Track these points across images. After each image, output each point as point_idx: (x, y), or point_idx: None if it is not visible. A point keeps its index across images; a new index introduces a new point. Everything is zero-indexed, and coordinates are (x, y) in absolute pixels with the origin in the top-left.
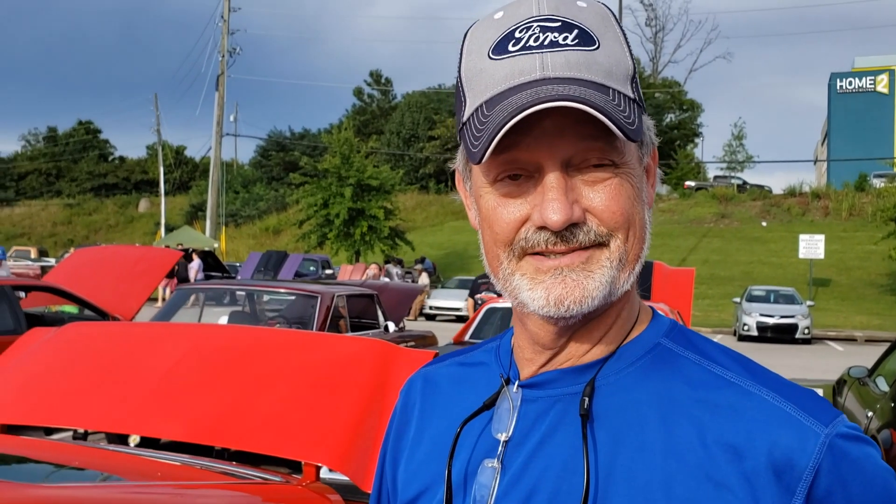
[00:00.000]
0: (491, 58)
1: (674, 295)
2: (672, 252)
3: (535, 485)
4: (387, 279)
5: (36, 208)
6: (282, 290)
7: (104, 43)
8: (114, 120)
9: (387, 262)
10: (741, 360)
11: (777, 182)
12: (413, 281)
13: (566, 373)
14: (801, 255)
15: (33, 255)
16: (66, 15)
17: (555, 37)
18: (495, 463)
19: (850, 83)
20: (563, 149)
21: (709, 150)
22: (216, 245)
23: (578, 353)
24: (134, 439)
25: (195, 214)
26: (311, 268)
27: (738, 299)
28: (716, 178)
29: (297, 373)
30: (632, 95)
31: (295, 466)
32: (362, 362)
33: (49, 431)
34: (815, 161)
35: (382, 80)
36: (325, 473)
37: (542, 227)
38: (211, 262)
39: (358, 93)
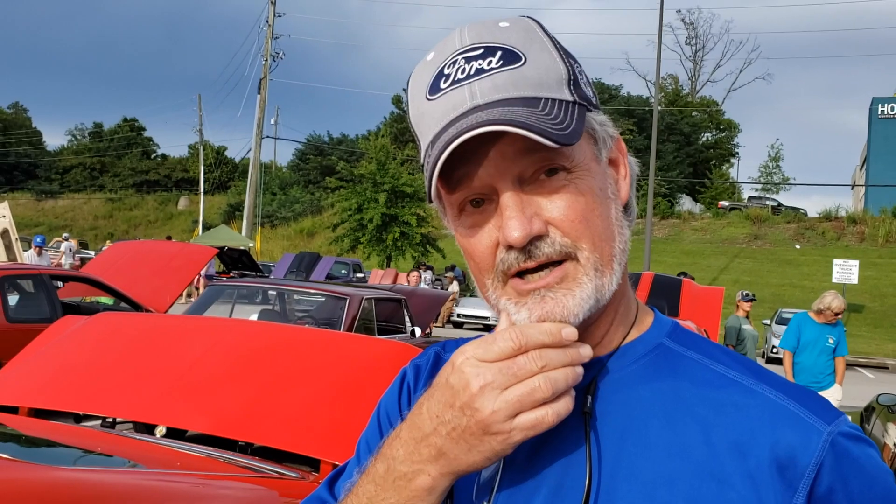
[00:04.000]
0: (428, 99)
1: (702, 313)
2: (703, 271)
3: (540, 479)
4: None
5: (79, 201)
6: (312, 291)
7: (151, 43)
8: (158, 118)
9: (417, 268)
10: (743, 361)
11: (812, 205)
12: (443, 288)
13: None
14: (834, 280)
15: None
16: (116, 15)
17: (480, 64)
18: None
19: (892, 108)
20: (509, 168)
21: (744, 170)
22: (251, 244)
23: None
24: (160, 430)
25: (233, 214)
26: (343, 271)
27: (767, 321)
28: (750, 198)
29: (320, 371)
30: (570, 98)
31: (315, 465)
32: (385, 364)
33: (79, 418)
34: (853, 186)
35: None
36: None
37: (510, 247)
38: (246, 261)
39: (397, 101)
